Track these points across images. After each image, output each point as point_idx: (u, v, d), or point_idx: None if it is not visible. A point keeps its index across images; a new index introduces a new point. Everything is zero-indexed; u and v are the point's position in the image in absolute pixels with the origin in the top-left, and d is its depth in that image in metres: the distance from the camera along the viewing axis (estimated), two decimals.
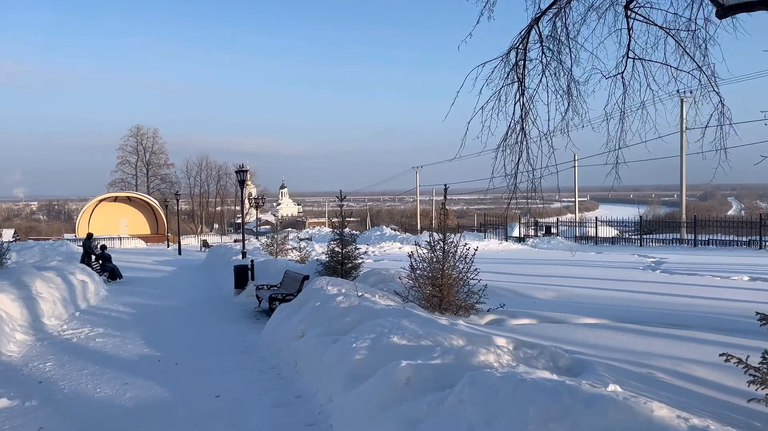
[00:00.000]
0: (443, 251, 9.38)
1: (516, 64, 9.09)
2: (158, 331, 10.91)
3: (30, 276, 12.96)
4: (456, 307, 9.24)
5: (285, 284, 13.87)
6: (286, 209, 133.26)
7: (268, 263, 17.60)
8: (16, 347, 9.17)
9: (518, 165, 9.08)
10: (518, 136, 9.10)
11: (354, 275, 14.35)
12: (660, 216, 57.38)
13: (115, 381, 7.07)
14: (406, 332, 5.99)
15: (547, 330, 7.74)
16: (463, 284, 9.42)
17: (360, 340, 6.07)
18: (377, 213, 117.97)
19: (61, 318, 12.28)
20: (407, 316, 6.67)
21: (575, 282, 15.41)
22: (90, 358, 8.55)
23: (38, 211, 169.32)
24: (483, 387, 4.01)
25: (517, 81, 9.11)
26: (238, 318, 12.69)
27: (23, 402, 6.14)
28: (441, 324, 6.47)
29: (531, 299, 11.79)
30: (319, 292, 9.07)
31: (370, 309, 7.33)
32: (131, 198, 71.38)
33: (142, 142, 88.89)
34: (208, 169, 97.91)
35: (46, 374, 7.56)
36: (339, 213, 14.73)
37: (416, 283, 9.43)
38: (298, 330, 7.97)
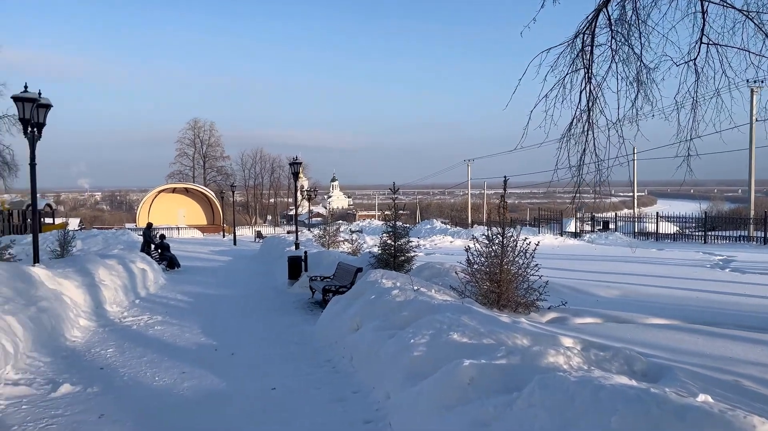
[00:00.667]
0: (502, 245, 9.05)
1: (582, 50, 8.62)
2: (214, 320, 11.03)
3: (93, 264, 13.36)
4: (515, 304, 8.91)
5: (338, 276, 13.81)
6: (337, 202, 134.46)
7: (321, 254, 17.62)
8: (80, 333, 9.42)
9: (584, 156, 8.65)
10: (584, 125, 8.66)
11: (407, 268, 14.14)
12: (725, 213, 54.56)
13: (174, 369, 7.12)
14: (466, 329, 5.74)
15: (614, 331, 7.33)
16: (523, 280, 9.08)
17: (418, 336, 5.86)
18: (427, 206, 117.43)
19: (122, 305, 12.60)
20: (467, 312, 6.42)
21: (638, 279, 14.73)
22: (149, 345, 8.68)
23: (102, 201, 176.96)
24: (556, 392, 3.73)
25: (583, 68, 8.65)
26: (292, 308, 12.71)
27: (85, 388, 6.23)
28: (503, 322, 6.18)
29: (593, 297, 11.30)
30: (374, 285, 8.91)
31: (427, 304, 7.11)
32: (189, 189, 73.46)
33: (199, 135, 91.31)
34: (262, 161, 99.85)
35: (107, 360, 7.70)
36: (391, 205, 14.54)
37: (473, 278, 9.15)
38: (353, 323, 7.84)
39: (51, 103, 11.68)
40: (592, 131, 8.57)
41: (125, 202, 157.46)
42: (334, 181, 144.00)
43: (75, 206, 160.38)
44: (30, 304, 8.27)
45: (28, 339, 7.47)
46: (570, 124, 8.65)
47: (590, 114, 8.62)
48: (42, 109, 11.43)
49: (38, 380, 6.52)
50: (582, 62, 8.56)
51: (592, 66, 8.61)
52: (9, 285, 8.36)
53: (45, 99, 11.50)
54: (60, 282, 10.78)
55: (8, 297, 7.96)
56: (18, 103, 10.88)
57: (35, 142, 11.40)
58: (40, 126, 11.60)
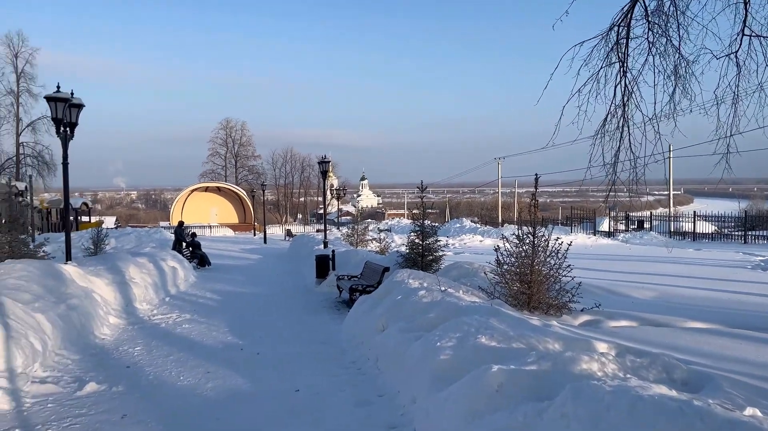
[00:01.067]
0: (533, 245, 8.79)
1: (617, 43, 8.31)
2: (242, 319, 11.02)
3: (124, 262, 13.51)
4: (546, 306, 8.64)
5: (365, 275, 13.70)
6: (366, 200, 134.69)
7: (349, 253, 17.54)
8: (109, 330, 9.50)
9: (618, 153, 8.35)
10: (619, 121, 8.35)
11: (435, 268, 13.95)
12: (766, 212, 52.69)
13: (198, 369, 7.09)
14: (495, 332, 5.54)
15: (650, 335, 7.01)
16: (554, 281, 8.80)
17: (445, 339, 5.67)
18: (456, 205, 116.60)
19: (152, 303, 12.71)
20: (496, 315, 6.21)
21: (675, 281, 14.25)
22: (176, 344, 8.69)
23: (137, 200, 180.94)
24: (590, 402, 3.51)
25: (618, 61, 8.34)
26: (319, 307, 12.64)
27: (110, 387, 6.23)
28: (534, 325, 5.95)
29: (628, 298, 10.94)
30: (401, 285, 8.75)
31: (455, 306, 6.92)
32: (221, 188, 74.42)
33: (231, 134, 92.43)
34: (292, 160, 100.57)
35: (135, 359, 7.72)
36: (419, 204, 14.36)
37: (503, 279, 8.91)
38: (379, 324, 7.69)
39: (83, 102, 11.85)
40: (627, 127, 8.27)
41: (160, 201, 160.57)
42: (363, 179, 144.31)
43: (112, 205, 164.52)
44: (60, 302, 8.35)
45: (57, 337, 7.53)
46: (604, 120, 8.37)
47: (625, 109, 8.31)
48: (74, 108, 11.59)
49: (65, 378, 6.55)
50: (617, 55, 8.26)
51: (628, 59, 8.30)
52: (40, 283, 8.46)
53: (77, 99, 11.67)
54: (91, 280, 10.91)
55: (38, 294, 8.06)
56: (51, 103, 11.05)
57: (68, 141, 11.58)
58: (72, 125, 11.77)
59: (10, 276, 8.24)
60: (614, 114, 8.32)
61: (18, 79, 52.45)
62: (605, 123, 8.33)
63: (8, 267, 8.70)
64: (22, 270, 8.58)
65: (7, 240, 12.10)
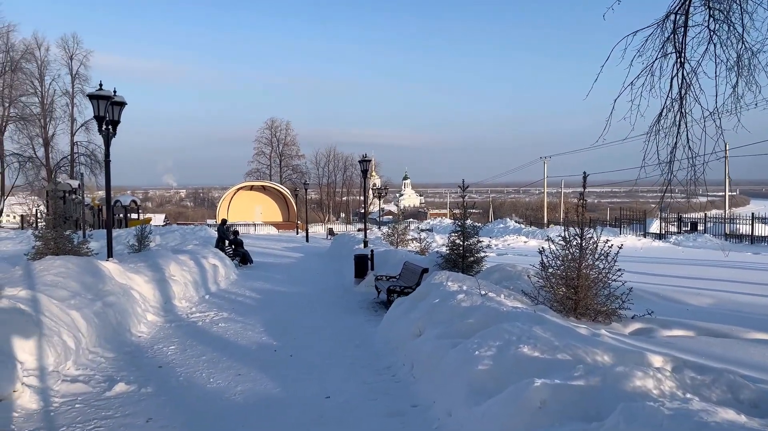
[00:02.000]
0: (580, 247, 8.28)
1: (674, 32, 7.74)
2: (278, 318, 10.89)
3: (165, 259, 13.60)
4: (594, 312, 8.13)
5: (404, 276, 13.39)
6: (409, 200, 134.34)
7: (388, 253, 17.25)
8: (146, 328, 9.49)
9: (675, 150, 7.79)
10: (676, 116, 7.79)
11: (476, 270, 13.51)
12: None
13: (229, 371, 6.92)
14: (538, 342, 5.14)
15: (711, 347, 6.44)
16: (603, 286, 8.27)
17: (484, 347, 5.31)
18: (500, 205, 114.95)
19: (191, 301, 12.73)
20: (539, 322, 5.79)
21: (733, 286, 13.39)
22: (210, 343, 8.59)
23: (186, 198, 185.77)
24: (647, 426, 3.11)
25: (674, 51, 7.77)
26: (357, 308, 12.41)
27: (139, 388, 6.12)
28: (581, 335, 5.51)
29: (682, 305, 10.26)
30: (439, 288, 8.40)
31: (495, 311, 6.53)
32: (265, 187, 75.43)
33: (276, 134, 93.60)
34: (335, 160, 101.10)
35: (168, 358, 7.63)
36: (461, 203, 13.94)
37: (547, 283, 8.43)
38: (416, 328, 7.37)
39: (125, 100, 11.95)
40: (684, 122, 7.71)
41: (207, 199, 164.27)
42: (406, 179, 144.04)
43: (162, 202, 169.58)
44: (97, 299, 8.36)
45: (92, 335, 7.51)
46: (659, 115, 7.83)
47: (683, 103, 7.75)
48: (116, 106, 11.70)
49: (96, 377, 6.49)
50: (674, 45, 7.70)
51: (686, 49, 7.73)
52: (78, 280, 8.50)
53: (119, 97, 11.77)
54: (130, 277, 10.97)
55: (75, 291, 8.08)
56: (93, 100, 11.18)
57: (110, 139, 11.69)
58: (114, 123, 11.88)
59: (49, 273, 8.29)
60: (670, 108, 7.77)
61: (73, 80, 54.41)
62: (660, 118, 7.80)
63: (48, 263, 8.78)
64: (61, 266, 8.64)
65: (52, 236, 12.33)
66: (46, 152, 54.17)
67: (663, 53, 7.70)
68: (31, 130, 51.84)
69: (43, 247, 12.31)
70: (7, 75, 47.11)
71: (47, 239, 12.30)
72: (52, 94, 53.85)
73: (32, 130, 52.00)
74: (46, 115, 53.47)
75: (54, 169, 54.82)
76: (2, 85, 47.47)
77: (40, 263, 8.82)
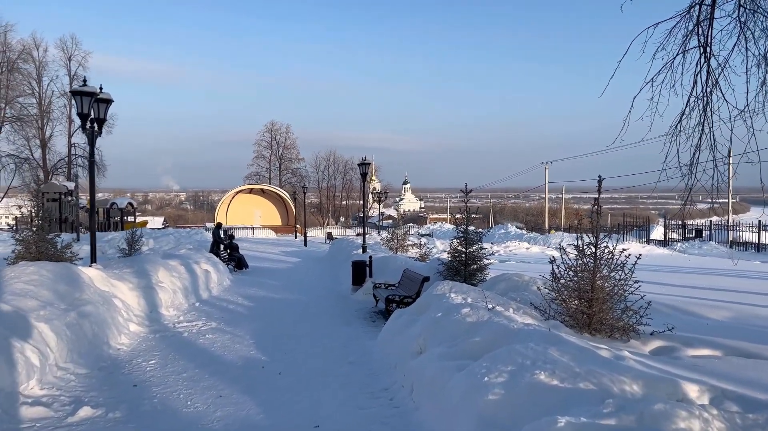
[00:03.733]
0: (595, 257, 7.65)
1: (698, 23, 7.13)
2: (270, 329, 10.26)
3: (153, 265, 12.95)
4: (610, 328, 7.48)
5: (403, 284, 12.75)
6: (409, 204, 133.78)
7: (387, 260, 16.61)
8: (128, 339, 8.86)
9: (698, 153, 7.19)
10: (700, 115, 7.18)
11: (479, 278, 12.88)
12: None
13: (210, 391, 6.28)
14: (556, 367, 4.50)
15: (744, 371, 5.80)
16: (619, 299, 7.64)
17: (494, 372, 4.67)
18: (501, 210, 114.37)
19: (180, 309, 12.10)
20: (555, 343, 5.16)
21: (748, 298, 12.77)
22: (194, 358, 7.95)
23: (186, 201, 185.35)
24: None
25: (699, 46, 7.16)
26: (353, 318, 11.76)
27: (107, 413, 5.48)
28: (603, 359, 4.88)
29: (701, 319, 9.62)
30: (441, 299, 7.76)
31: (505, 329, 5.89)
32: (264, 190, 74.82)
33: (275, 137, 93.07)
34: (335, 163, 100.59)
35: (145, 375, 6.98)
36: (463, 208, 13.32)
37: (559, 295, 7.80)
38: (416, 345, 6.74)
39: (111, 98, 11.33)
40: (710, 122, 7.11)
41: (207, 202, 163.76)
42: (406, 183, 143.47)
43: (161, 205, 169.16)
44: (71, 309, 7.72)
45: (63, 349, 6.87)
46: (681, 114, 7.23)
47: (707, 101, 7.14)
48: (102, 104, 11.08)
49: (62, 398, 5.84)
50: (698, 38, 7.10)
51: (712, 43, 7.14)
52: (51, 288, 7.86)
53: (105, 94, 11.16)
54: (113, 283, 10.34)
55: (47, 301, 7.44)
56: (76, 97, 10.55)
57: (95, 138, 11.07)
58: (100, 121, 11.27)
59: (19, 280, 7.66)
60: (694, 107, 7.16)
61: (71, 81, 53.77)
62: (682, 118, 7.20)
63: (20, 269, 8.14)
64: (34, 273, 8.00)
65: (33, 239, 11.68)
66: (43, 153, 53.61)
67: (685, 48, 7.10)
68: (28, 131, 51.29)
69: (24, 251, 11.65)
70: (3, 75, 46.54)
71: (28, 243, 11.65)
72: (49, 95, 53.34)
73: (29, 131, 51.46)
74: (43, 116, 52.92)
75: (51, 171, 54.26)
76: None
77: (12, 269, 8.18)
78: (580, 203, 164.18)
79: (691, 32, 7.05)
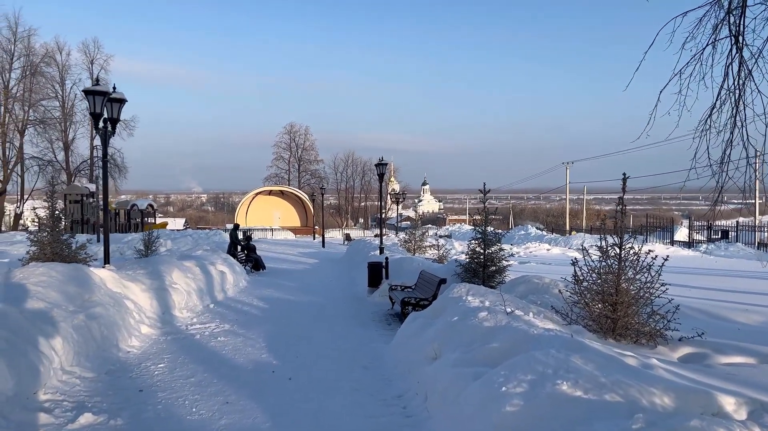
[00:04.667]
0: (619, 259, 7.30)
1: (730, 11, 6.77)
2: (283, 331, 10.05)
3: (168, 266, 12.84)
4: (635, 333, 7.12)
5: (420, 286, 12.47)
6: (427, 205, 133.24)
7: (404, 261, 16.34)
8: (138, 342, 8.71)
9: (730, 149, 6.84)
10: (732, 109, 6.82)
11: (498, 280, 12.54)
12: None
13: (217, 397, 6.07)
14: (580, 377, 4.19)
15: None
16: (645, 302, 7.27)
17: (512, 382, 4.38)
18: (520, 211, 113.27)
19: (194, 310, 11.97)
20: (578, 350, 4.84)
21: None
22: (204, 361, 7.77)
23: (207, 202, 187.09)
24: None
25: (730, 35, 6.80)
26: (369, 321, 11.51)
27: (108, 419, 5.29)
28: (630, 367, 4.55)
29: (731, 324, 9.19)
30: (458, 303, 7.47)
31: (524, 334, 5.58)
32: (284, 192, 75.11)
33: (294, 139, 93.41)
34: (353, 164, 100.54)
35: (153, 379, 6.80)
36: (481, 209, 12.99)
37: (581, 298, 7.45)
38: (431, 350, 6.46)
39: (125, 97, 11.24)
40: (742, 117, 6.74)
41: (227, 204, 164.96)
42: (425, 184, 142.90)
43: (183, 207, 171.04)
44: (79, 311, 7.58)
45: (70, 352, 6.72)
46: (711, 108, 6.87)
47: (740, 94, 6.77)
48: (115, 103, 10.99)
49: (65, 403, 5.67)
50: (729, 28, 6.74)
51: (744, 32, 6.77)
52: (60, 290, 7.73)
53: (118, 93, 11.06)
54: (126, 285, 10.22)
55: (55, 303, 7.30)
56: (89, 96, 10.47)
57: (108, 138, 10.98)
58: (114, 121, 11.18)
59: (28, 281, 7.54)
60: (726, 100, 6.80)
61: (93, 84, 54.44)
62: (712, 112, 6.84)
63: (29, 271, 8.03)
64: (43, 274, 7.88)
65: (48, 240, 11.65)
66: (66, 156, 54.38)
67: (716, 38, 6.74)
68: (52, 133, 52.06)
69: (38, 252, 11.63)
70: (26, 79, 47.27)
71: (43, 244, 11.62)
72: (72, 98, 54.10)
73: (52, 134, 52.23)
74: (66, 118, 53.67)
75: (74, 173, 55.03)
76: (22, 89, 47.69)
77: (21, 271, 8.07)
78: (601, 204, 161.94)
79: (722, 21, 6.70)
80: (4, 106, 46.12)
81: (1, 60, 46.15)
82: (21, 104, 47.73)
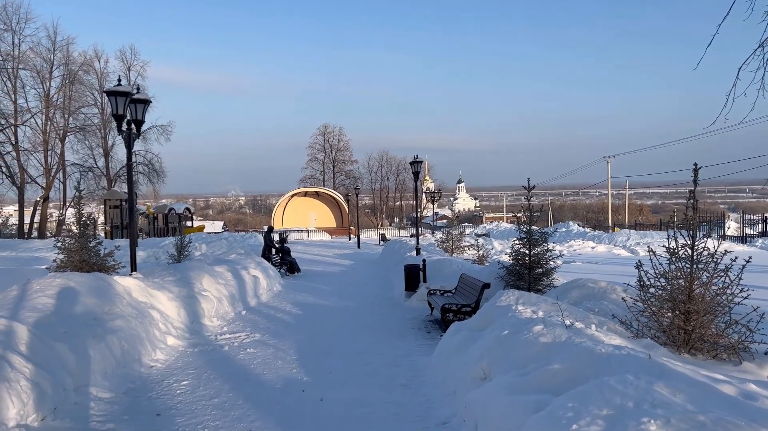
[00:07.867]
0: (691, 260, 6.40)
1: None
2: (316, 341, 9.44)
3: (198, 272, 12.41)
4: (713, 346, 6.22)
5: (460, 291, 11.68)
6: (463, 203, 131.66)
7: (442, 263, 15.54)
8: (163, 355, 8.21)
9: None
10: None
11: (545, 283, 11.67)
12: None
13: (240, 423, 5.45)
14: (671, 413, 3.39)
15: None
16: (723, 310, 6.36)
17: (584, 417, 3.60)
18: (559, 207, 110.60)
19: (225, 318, 11.49)
20: (661, 376, 4.02)
21: None
22: (230, 377, 7.19)
23: (245, 205, 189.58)
24: None
25: None
26: (406, 328, 10.80)
27: None
28: (728, 398, 3.71)
29: None
30: (507, 313, 6.68)
31: (590, 353, 4.77)
32: (319, 193, 75.12)
33: (328, 140, 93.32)
34: (387, 164, 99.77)
35: (173, 400, 6.24)
36: (526, 206, 12.12)
37: (648, 307, 6.58)
38: (479, 369, 5.70)
39: (149, 98, 10.82)
40: None
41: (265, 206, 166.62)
42: (460, 182, 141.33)
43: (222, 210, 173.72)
44: (97, 324, 7.09)
45: (85, 371, 6.22)
46: None
47: None
48: (139, 104, 10.56)
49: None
50: None
51: None
52: (76, 302, 7.27)
53: (142, 94, 10.65)
54: (152, 293, 9.76)
55: (70, 317, 6.83)
56: (111, 97, 10.06)
57: (132, 140, 10.57)
58: (138, 123, 10.76)
59: (44, 294, 7.10)
60: None
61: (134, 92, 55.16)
62: None
63: (47, 282, 7.60)
64: (60, 286, 7.44)
65: (75, 247, 11.32)
66: (106, 162, 55.25)
67: None
68: (92, 140, 52.96)
69: (66, 260, 11.31)
70: (66, 87, 48.17)
71: (70, 251, 11.29)
72: None
73: (92, 141, 53.14)
74: (105, 125, 54.52)
75: (114, 179, 55.91)
76: (63, 97, 48.62)
77: (38, 282, 7.64)
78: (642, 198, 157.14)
79: None
80: (45, 114, 47.07)
81: (42, 69, 47.09)
82: (62, 112, 48.67)
